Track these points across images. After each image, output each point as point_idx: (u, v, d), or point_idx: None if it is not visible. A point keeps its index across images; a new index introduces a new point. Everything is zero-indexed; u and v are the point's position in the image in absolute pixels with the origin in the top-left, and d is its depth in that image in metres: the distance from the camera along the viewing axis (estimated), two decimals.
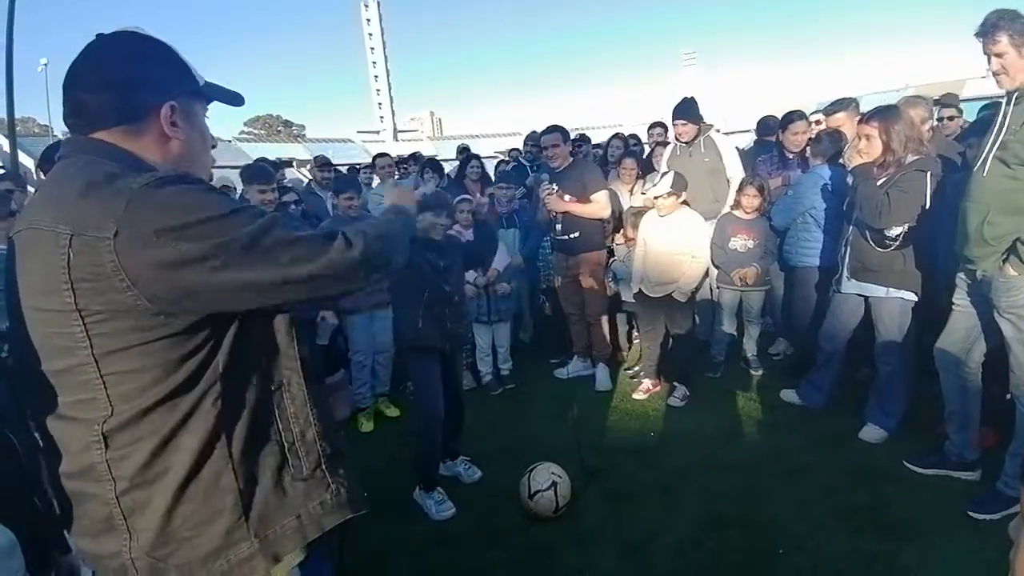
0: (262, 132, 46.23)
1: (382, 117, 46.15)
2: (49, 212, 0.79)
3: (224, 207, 0.81)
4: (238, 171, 3.57)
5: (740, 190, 3.56)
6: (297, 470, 0.93)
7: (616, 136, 5.29)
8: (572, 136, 5.34)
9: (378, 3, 44.34)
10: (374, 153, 5.67)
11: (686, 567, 2.19)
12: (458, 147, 6.39)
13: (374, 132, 40.27)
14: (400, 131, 45.66)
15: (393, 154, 6.02)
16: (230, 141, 32.35)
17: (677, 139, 3.96)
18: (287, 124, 50.52)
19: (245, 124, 51.09)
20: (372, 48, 47.21)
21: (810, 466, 2.73)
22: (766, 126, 4.69)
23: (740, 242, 3.54)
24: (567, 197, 3.60)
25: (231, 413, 0.87)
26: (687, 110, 3.81)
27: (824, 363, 3.12)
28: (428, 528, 2.53)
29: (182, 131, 0.92)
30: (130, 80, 0.88)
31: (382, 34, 46.18)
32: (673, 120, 3.88)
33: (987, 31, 2.04)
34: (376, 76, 47.26)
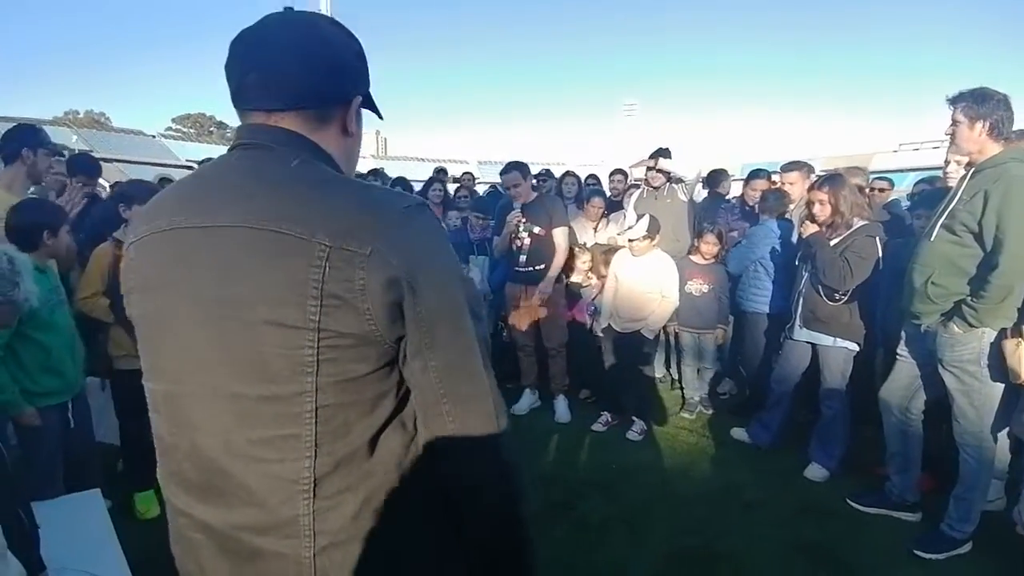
0: (191, 131, 43.71)
1: None
2: (285, 214, 0.68)
3: (458, 266, 0.79)
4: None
5: (700, 236, 3.79)
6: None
7: (568, 174, 5.46)
8: (537, 171, 5.50)
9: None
10: None
11: None
12: (435, 169, 6.36)
13: None
14: None
15: None
16: (154, 137, 30.30)
17: (646, 183, 4.19)
18: (220, 125, 48.06)
19: (173, 120, 48.23)
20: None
21: (761, 501, 2.88)
22: (715, 179, 5.06)
23: (695, 286, 3.75)
24: (536, 229, 3.68)
25: (428, 464, 0.77)
26: (664, 155, 4.09)
27: (774, 404, 3.34)
28: None
29: (356, 130, 0.84)
30: (342, 62, 0.80)
31: None
32: (652, 158, 4.11)
33: (952, 100, 2.30)
34: None
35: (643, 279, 3.51)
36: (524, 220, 3.68)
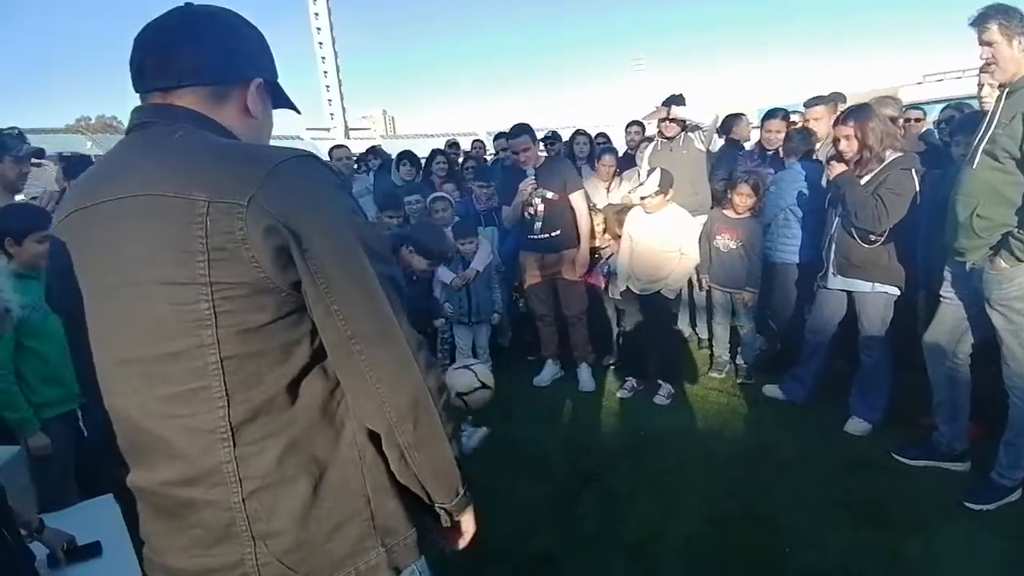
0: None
1: (332, 115, 44.93)
2: (169, 178, 0.72)
3: (357, 210, 0.80)
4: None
5: (733, 187, 3.49)
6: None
7: (579, 132, 5.20)
8: (544, 134, 5.27)
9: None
10: (324, 151, 5.33)
11: (695, 568, 2.14)
12: (447, 142, 6.14)
13: (324, 130, 39.13)
14: (352, 129, 44.57)
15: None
16: None
17: (660, 134, 3.94)
18: None
19: None
20: (321, 43, 45.88)
21: (800, 459, 2.74)
22: (728, 125, 4.74)
23: (723, 241, 3.52)
24: (549, 194, 3.51)
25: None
26: (678, 102, 3.79)
27: (808, 357, 3.16)
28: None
29: (260, 111, 0.88)
30: (236, 44, 0.85)
31: (331, 29, 44.96)
32: (664, 106, 3.80)
33: (979, 20, 2.06)
34: (326, 72, 45.95)
35: (659, 237, 3.31)
36: (536, 186, 3.49)
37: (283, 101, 0.95)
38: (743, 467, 2.72)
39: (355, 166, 5.43)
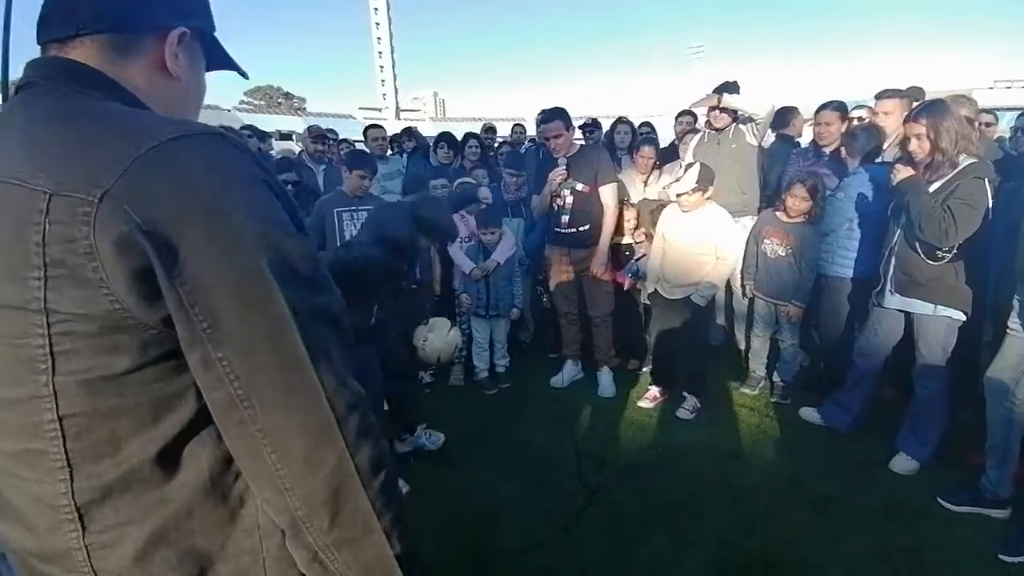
0: (262, 103, 45.42)
1: (384, 95, 45.41)
2: (16, 158, 0.53)
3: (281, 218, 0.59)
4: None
5: (788, 188, 3.16)
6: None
7: (621, 120, 4.88)
8: (583, 121, 5.01)
9: None
10: None
11: None
12: (483, 126, 6.00)
13: (376, 109, 39.63)
14: (402, 110, 44.97)
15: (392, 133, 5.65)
16: (229, 110, 31.70)
17: (708, 125, 3.63)
18: (288, 96, 49.66)
19: (245, 94, 50.23)
20: (377, 23, 46.29)
21: (837, 497, 2.46)
22: (783, 118, 4.34)
23: (771, 246, 3.22)
24: (579, 186, 3.29)
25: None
26: (731, 90, 3.46)
27: (856, 382, 2.84)
28: None
29: (183, 70, 0.69)
30: None
31: (388, 11, 45.24)
32: (715, 93, 3.48)
33: None
34: (380, 53, 46.39)
35: (695, 238, 3.03)
36: (567, 176, 3.27)
37: (221, 60, 0.77)
38: (769, 501, 2.47)
39: (389, 147, 5.35)
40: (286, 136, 18.76)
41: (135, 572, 0.58)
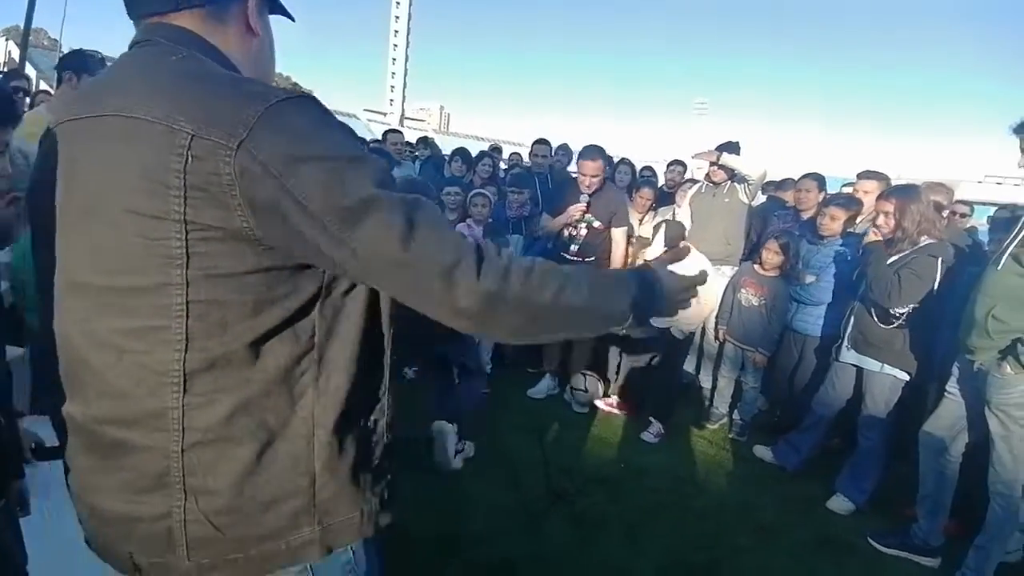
0: None
1: (392, 100, 45.78)
2: (154, 102, 0.66)
3: (366, 157, 0.71)
4: None
5: (764, 244, 3.50)
6: (367, 460, 0.82)
7: (623, 161, 5.24)
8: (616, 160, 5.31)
9: None
10: (378, 133, 5.49)
11: None
12: (490, 146, 6.30)
13: (381, 113, 39.87)
14: (407, 118, 45.28)
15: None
16: None
17: (707, 178, 3.95)
18: (295, 87, 49.61)
19: None
20: (396, 31, 46.93)
21: (777, 527, 2.70)
22: (780, 184, 4.74)
23: (746, 296, 3.51)
24: (596, 223, 3.54)
25: (325, 384, 0.75)
26: (732, 149, 3.79)
27: (810, 427, 3.12)
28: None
29: (262, 28, 0.83)
30: None
31: (409, 19, 45.98)
32: (716, 150, 3.79)
33: (1020, 128, 2.07)
34: (394, 59, 46.91)
35: None
36: (586, 211, 3.49)
37: (277, 7, 0.89)
38: (718, 523, 2.69)
39: (405, 153, 5.57)
40: None
41: (220, 431, 0.71)
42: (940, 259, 2.62)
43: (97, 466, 0.75)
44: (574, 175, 4.66)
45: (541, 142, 5.00)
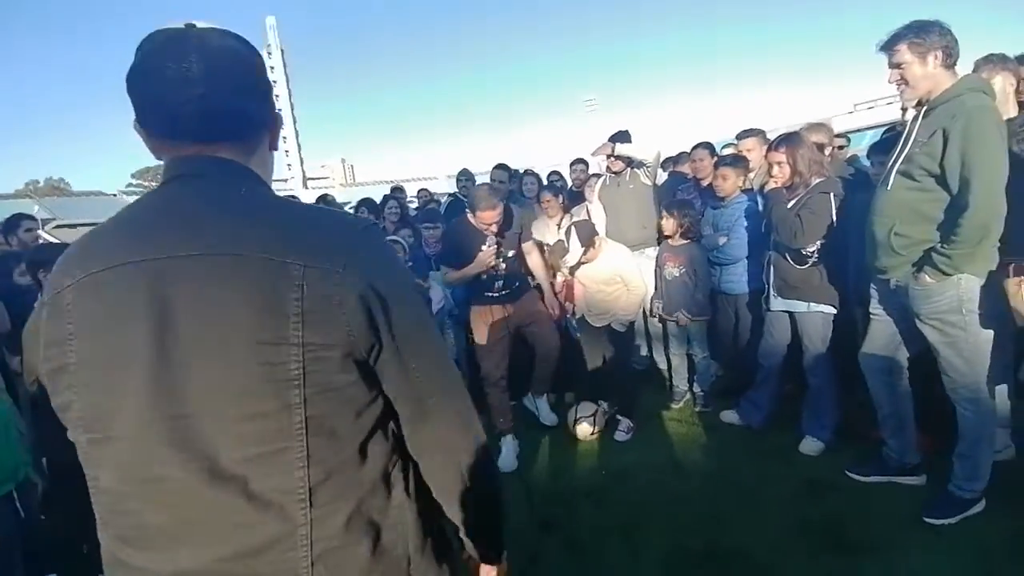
0: (152, 184, 43.04)
1: (290, 165, 44.77)
2: (255, 239, 0.71)
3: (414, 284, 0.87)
4: None
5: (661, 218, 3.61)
6: (441, 535, 0.90)
7: (527, 172, 5.32)
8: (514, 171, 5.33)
9: (281, 52, 43.54)
10: None
11: None
12: (391, 187, 6.20)
13: (282, 180, 38.90)
14: (309, 178, 44.41)
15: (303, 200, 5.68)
16: (115, 195, 29.70)
17: (608, 169, 4.02)
18: None
19: (132, 176, 47.55)
20: (277, 95, 46.09)
21: (760, 485, 2.73)
22: (677, 159, 4.95)
23: (668, 270, 3.59)
24: (511, 253, 3.34)
25: (407, 472, 0.84)
26: (623, 138, 3.89)
27: (762, 381, 3.20)
28: None
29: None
30: (267, 86, 0.83)
31: (287, 82, 45.29)
32: (610, 142, 3.86)
33: (888, 44, 2.13)
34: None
35: (602, 276, 3.34)
36: (499, 249, 3.16)
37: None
38: (705, 498, 2.69)
39: None
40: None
41: (342, 537, 0.75)
42: (832, 194, 2.77)
43: None
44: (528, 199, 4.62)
45: (501, 167, 4.97)
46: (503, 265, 3.27)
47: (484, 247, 3.12)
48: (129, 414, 0.70)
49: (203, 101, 0.74)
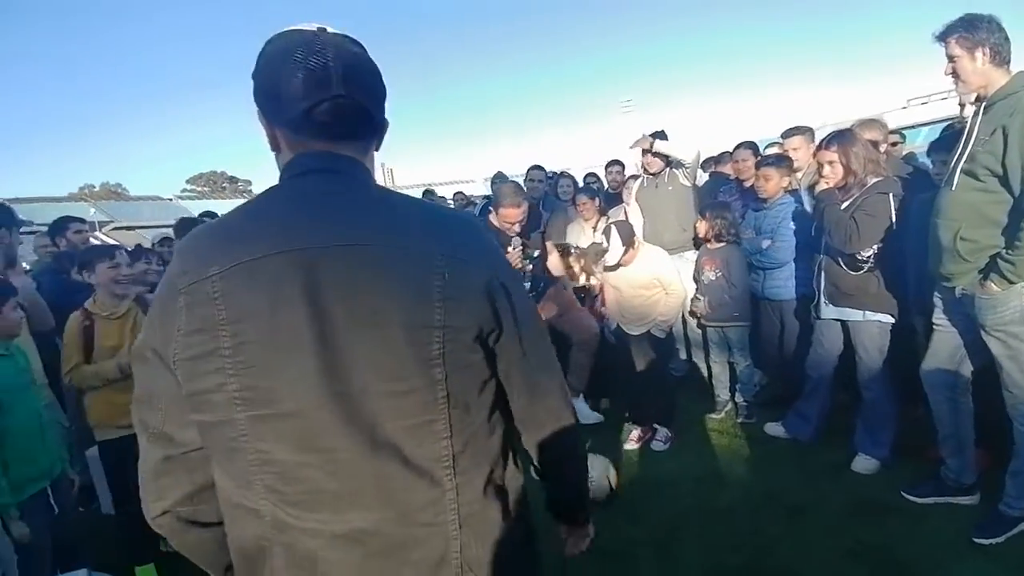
0: (206, 189, 45.16)
1: None
2: (405, 233, 0.80)
3: None
4: None
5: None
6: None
7: (563, 175, 5.25)
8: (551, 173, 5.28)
9: None
10: None
11: None
12: (423, 192, 6.28)
13: None
14: None
15: None
16: (170, 199, 31.14)
17: (645, 170, 3.91)
18: (232, 180, 49.51)
19: (187, 182, 49.84)
20: None
21: (809, 504, 2.57)
22: (719, 159, 4.78)
23: (707, 274, 3.46)
24: (536, 252, 3.38)
25: (510, 438, 0.92)
26: (660, 138, 3.75)
27: (811, 392, 3.02)
28: None
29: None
30: (385, 92, 0.88)
31: None
32: (652, 139, 3.74)
33: (942, 35, 2.03)
34: None
35: (639, 280, 3.22)
36: (524, 249, 3.18)
37: None
38: (748, 515, 2.56)
39: None
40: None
41: (481, 502, 0.84)
42: (891, 194, 2.60)
43: (375, 572, 0.80)
44: (564, 201, 4.60)
45: (536, 168, 4.96)
46: (529, 267, 3.24)
47: (509, 249, 3.08)
48: (299, 392, 0.75)
49: (340, 102, 0.79)
